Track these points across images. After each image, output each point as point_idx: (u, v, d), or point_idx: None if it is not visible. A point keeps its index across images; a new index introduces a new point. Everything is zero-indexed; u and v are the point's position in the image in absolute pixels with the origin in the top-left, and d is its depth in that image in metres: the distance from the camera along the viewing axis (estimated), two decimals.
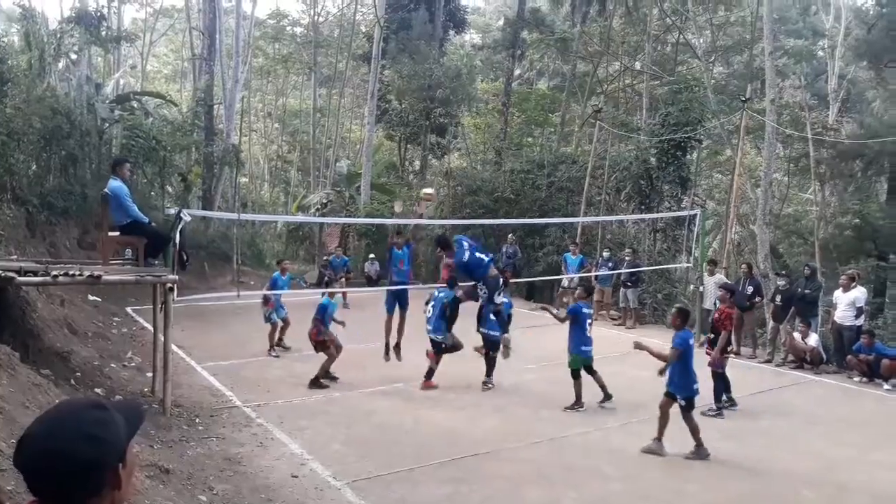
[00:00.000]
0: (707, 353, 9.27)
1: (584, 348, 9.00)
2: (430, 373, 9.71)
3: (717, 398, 9.01)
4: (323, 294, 10.80)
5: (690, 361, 7.51)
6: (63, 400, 1.62)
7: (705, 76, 22.48)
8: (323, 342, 9.88)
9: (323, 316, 10.00)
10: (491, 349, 9.75)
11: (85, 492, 1.46)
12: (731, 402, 9.28)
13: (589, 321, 9.09)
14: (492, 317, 9.64)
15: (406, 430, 7.94)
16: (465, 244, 9.68)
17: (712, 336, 9.42)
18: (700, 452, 7.25)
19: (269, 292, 11.81)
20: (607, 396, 9.12)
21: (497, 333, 9.68)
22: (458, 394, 9.60)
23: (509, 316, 10.19)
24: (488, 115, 28.55)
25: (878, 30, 19.79)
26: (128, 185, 8.23)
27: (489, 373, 9.78)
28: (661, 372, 7.46)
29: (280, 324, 11.99)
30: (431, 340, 9.76)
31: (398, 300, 10.54)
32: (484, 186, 22.40)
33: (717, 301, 10.59)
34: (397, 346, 10.51)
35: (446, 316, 9.66)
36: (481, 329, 9.76)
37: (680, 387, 7.41)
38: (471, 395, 9.53)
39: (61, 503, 1.46)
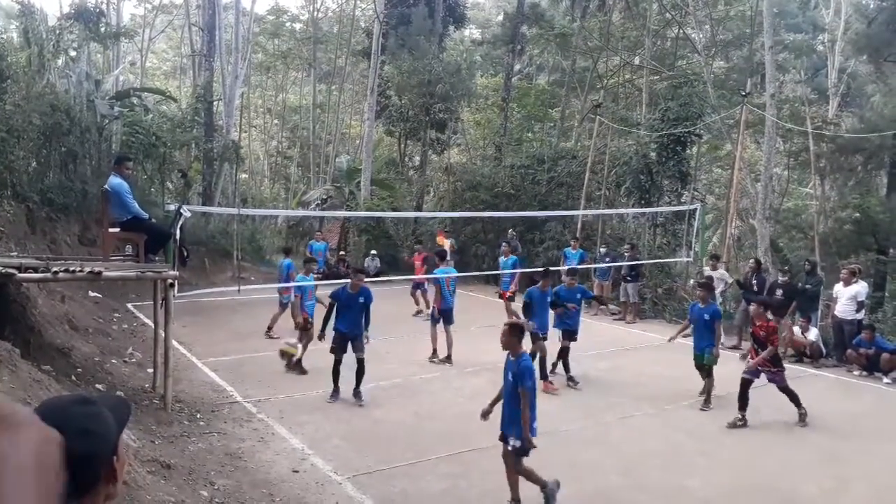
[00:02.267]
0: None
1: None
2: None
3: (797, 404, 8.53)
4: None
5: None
6: (50, 398, 1.62)
7: (705, 71, 22.44)
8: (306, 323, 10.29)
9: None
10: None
11: (79, 487, 1.46)
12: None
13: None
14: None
15: (406, 425, 7.97)
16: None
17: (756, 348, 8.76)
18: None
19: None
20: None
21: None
22: (457, 389, 9.63)
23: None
24: (488, 110, 28.52)
25: (877, 24, 19.75)
26: (128, 182, 8.24)
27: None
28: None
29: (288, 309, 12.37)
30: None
31: (444, 318, 11.17)
32: (484, 182, 22.38)
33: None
34: (448, 358, 11.01)
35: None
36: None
37: None
38: (470, 389, 9.56)
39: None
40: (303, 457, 6.90)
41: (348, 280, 9.31)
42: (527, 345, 7.50)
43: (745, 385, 8.51)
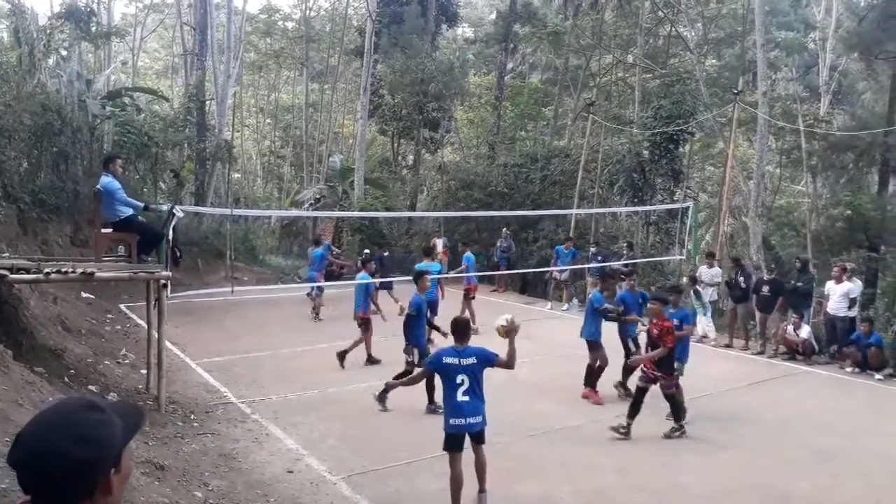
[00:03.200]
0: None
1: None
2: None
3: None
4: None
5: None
6: (60, 399, 1.60)
7: (697, 69, 22.50)
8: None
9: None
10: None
11: (75, 494, 1.44)
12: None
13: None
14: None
15: (401, 425, 7.96)
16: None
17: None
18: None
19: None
20: None
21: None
22: None
23: None
24: (481, 109, 28.53)
25: (868, 21, 19.83)
26: (120, 181, 8.20)
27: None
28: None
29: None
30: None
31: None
32: (477, 180, 22.40)
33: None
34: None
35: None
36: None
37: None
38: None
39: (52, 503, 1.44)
40: (297, 457, 6.89)
41: (341, 279, 9.37)
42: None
43: (641, 393, 7.82)
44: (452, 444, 5.71)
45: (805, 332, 12.07)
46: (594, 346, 9.27)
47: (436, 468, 6.70)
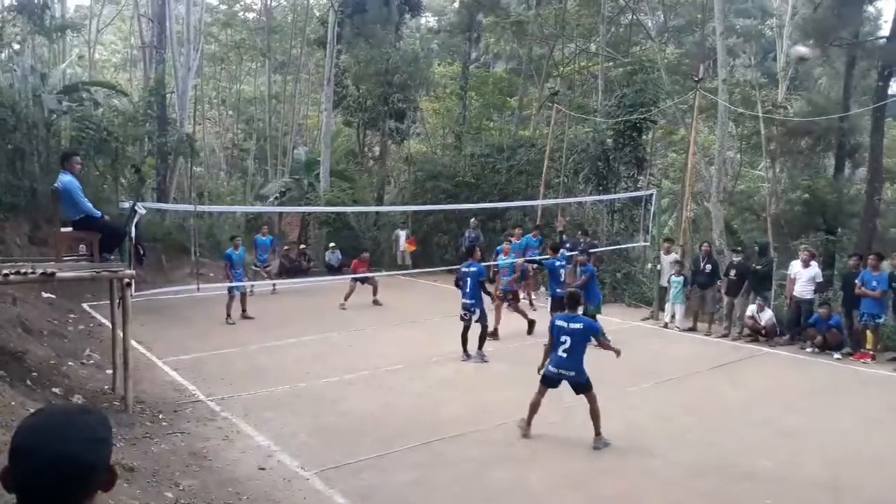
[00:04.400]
0: None
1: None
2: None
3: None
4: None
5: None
6: (51, 405, 1.65)
7: (658, 57, 22.76)
8: None
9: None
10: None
11: (84, 494, 1.49)
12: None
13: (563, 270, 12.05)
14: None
15: (373, 418, 7.98)
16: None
17: None
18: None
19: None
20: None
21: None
22: (423, 379, 9.67)
23: None
24: (447, 99, 28.48)
25: (823, 9, 20.24)
26: (79, 179, 8.03)
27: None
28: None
29: (237, 295, 13.61)
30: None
31: None
32: (444, 171, 22.41)
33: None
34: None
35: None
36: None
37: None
38: (436, 379, 9.61)
39: None
40: (269, 454, 6.87)
41: (309, 273, 9.38)
42: None
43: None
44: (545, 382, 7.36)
45: (767, 314, 12.37)
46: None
47: (408, 460, 6.75)
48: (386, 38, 23.86)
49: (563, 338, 7.15)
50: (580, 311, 8.34)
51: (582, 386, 7.16)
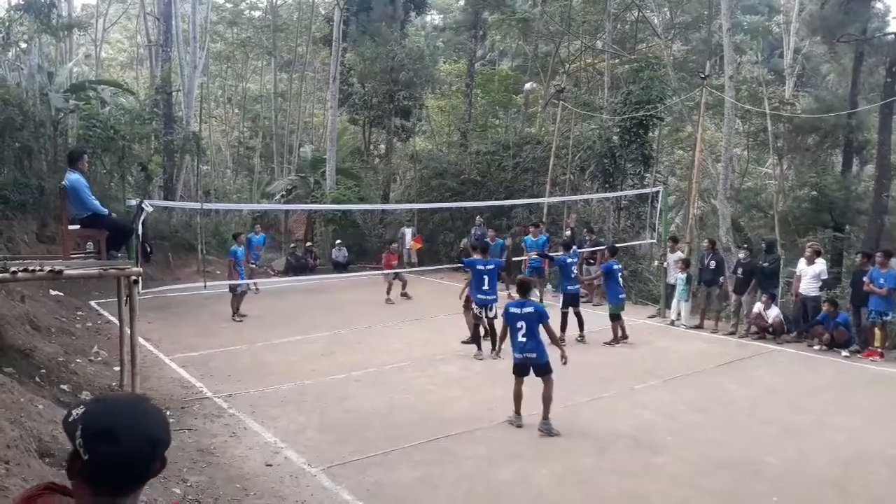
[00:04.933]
0: None
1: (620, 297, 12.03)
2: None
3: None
4: None
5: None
6: (108, 393, 1.72)
7: (665, 53, 22.69)
8: None
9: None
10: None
11: (151, 475, 1.61)
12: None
13: (621, 274, 12.35)
14: None
15: (379, 415, 7.99)
16: None
17: None
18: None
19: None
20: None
21: None
22: (429, 377, 9.68)
23: None
24: (452, 96, 28.45)
25: (830, 5, 20.13)
26: (86, 177, 8.06)
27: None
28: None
29: (245, 291, 13.68)
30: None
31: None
32: (450, 169, 22.39)
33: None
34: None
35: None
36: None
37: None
38: (441, 377, 9.62)
39: (127, 491, 1.58)
40: (276, 450, 6.89)
41: (315, 271, 9.36)
42: None
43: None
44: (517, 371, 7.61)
45: (774, 311, 12.32)
46: None
47: (415, 457, 6.76)
48: (391, 35, 23.84)
49: (518, 324, 7.49)
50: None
51: (543, 368, 7.44)
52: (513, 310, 7.59)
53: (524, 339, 7.48)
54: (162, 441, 1.59)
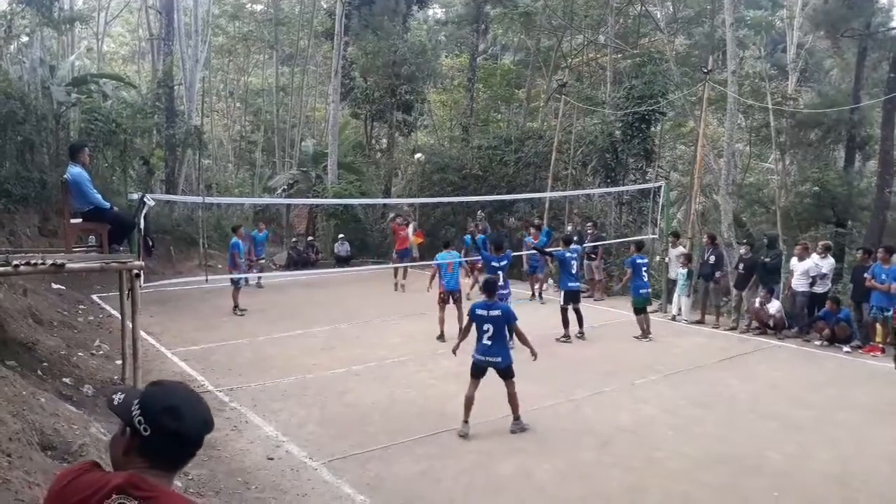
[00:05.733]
0: None
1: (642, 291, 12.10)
2: None
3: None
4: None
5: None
6: (159, 381, 1.85)
7: (667, 48, 22.61)
8: None
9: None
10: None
11: (184, 461, 1.84)
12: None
13: (645, 269, 12.21)
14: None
15: (380, 409, 8.01)
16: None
17: None
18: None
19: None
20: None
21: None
22: (430, 371, 9.69)
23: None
24: (454, 91, 28.40)
25: None
26: (88, 171, 8.06)
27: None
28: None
29: (243, 285, 13.79)
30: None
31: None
32: (452, 163, 22.37)
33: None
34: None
35: None
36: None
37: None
38: (442, 371, 9.62)
39: (177, 466, 1.82)
40: (277, 444, 6.91)
41: (317, 265, 9.35)
42: None
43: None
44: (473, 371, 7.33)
45: (775, 306, 12.31)
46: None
47: (416, 451, 6.77)
48: (393, 29, 23.80)
49: (485, 326, 7.20)
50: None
51: (505, 372, 7.22)
52: (479, 311, 7.28)
53: (489, 343, 7.18)
54: (212, 423, 1.84)
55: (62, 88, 17.54)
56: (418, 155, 16.05)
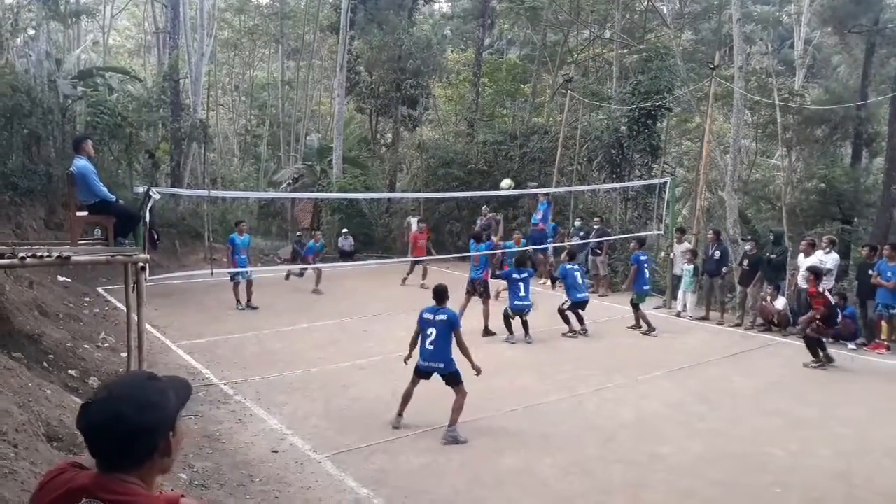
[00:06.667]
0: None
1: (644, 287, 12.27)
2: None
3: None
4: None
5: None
6: (129, 373, 1.82)
7: (674, 43, 22.52)
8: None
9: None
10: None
11: (139, 455, 1.65)
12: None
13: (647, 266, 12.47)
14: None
15: (384, 403, 8.01)
16: None
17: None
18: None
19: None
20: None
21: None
22: None
23: None
24: (459, 85, 28.34)
25: None
26: (93, 163, 8.08)
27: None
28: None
29: (242, 281, 13.36)
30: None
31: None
32: (457, 158, 22.33)
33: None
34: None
35: None
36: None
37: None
38: None
39: (118, 466, 1.64)
40: (281, 437, 6.93)
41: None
42: None
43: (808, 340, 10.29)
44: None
45: (780, 303, 12.29)
46: None
47: (419, 444, 6.79)
48: (399, 23, 23.73)
49: (429, 330, 7.17)
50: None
51: (451, 378, 7.08)
52: (426, 315, 7.30)
53: (431, 347, 7.11)
54: (125, 420, 1.60)
55: (68, 82, 17.59)
56: (508, 182, 15.86)
